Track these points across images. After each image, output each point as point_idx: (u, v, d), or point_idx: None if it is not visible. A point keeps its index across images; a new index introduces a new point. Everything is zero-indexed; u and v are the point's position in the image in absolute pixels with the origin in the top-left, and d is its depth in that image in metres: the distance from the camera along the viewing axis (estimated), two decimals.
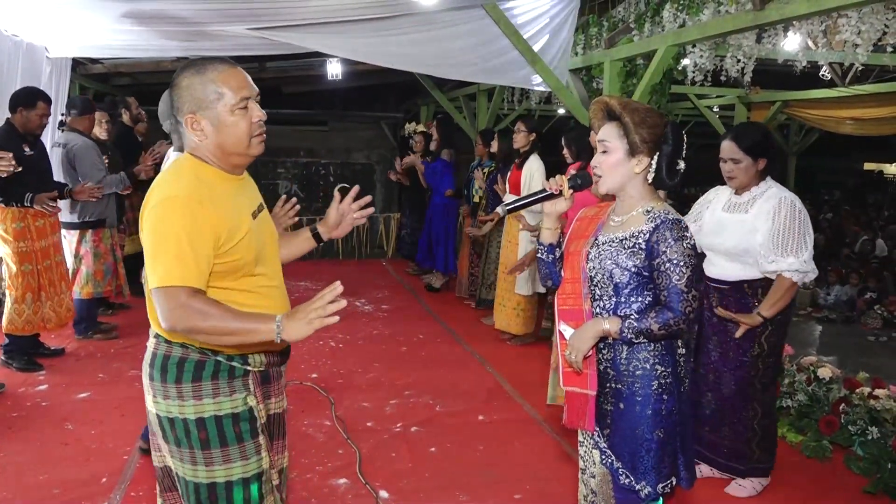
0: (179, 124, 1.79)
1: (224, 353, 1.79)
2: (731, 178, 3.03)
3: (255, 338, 1.64)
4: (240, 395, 1.81)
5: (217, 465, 1.78)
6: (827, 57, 5.48)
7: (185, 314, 1.61)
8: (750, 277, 2.99)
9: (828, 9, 3.43)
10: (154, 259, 1.65)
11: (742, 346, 3.03)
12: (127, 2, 4.57)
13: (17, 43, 5.75)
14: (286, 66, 8.62)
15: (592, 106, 2.11)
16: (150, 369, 1.81)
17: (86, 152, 4.88)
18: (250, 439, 1.82)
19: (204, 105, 1.74)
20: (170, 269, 1.63)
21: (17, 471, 3.23)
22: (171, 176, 1.77)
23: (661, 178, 2.02)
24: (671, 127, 2.01)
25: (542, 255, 2.22)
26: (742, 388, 3.07)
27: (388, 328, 5.99)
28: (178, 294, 1.62)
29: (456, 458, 3.53)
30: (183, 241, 1.63)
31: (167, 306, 1.63)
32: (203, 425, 1.77)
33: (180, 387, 1.77)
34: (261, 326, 1.63)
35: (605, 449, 2.08)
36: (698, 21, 4.32)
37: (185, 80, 1.76)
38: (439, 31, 5.46)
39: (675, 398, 2.02)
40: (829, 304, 8.52)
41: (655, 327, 1.92)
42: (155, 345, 1.83)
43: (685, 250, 1.93)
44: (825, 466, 3.55)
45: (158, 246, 1.65)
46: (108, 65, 7.80)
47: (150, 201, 1.71)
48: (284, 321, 1.61)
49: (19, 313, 4.42)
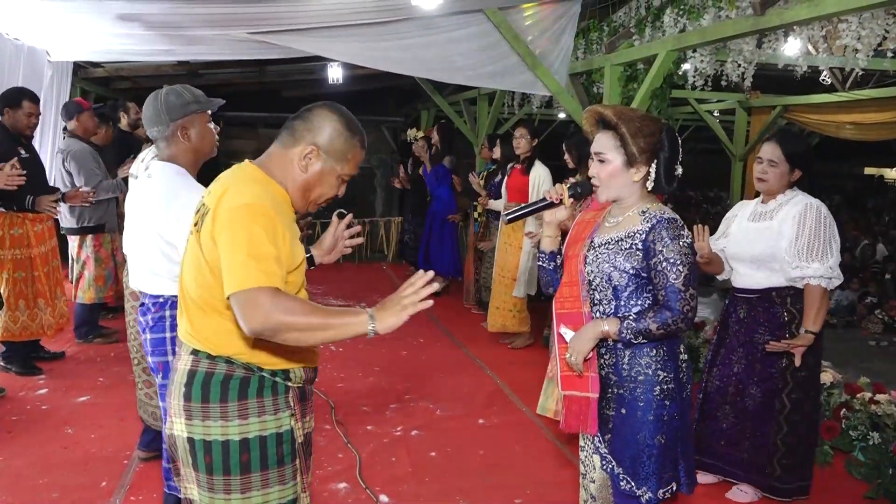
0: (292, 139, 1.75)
1: (268, 369, 1.72)
2: (762, 181, 2.99)
3: (350, 331, 1.57)
4: (284, 414, 1.74)
5: (255, 490, 1.70)
6: (827, 62, 5.50)
7: (277, 307, 1.52)
8: (777, 285, 2.96)
9: (828, 14, 3.43)
10: (232, 263, 1.57)
11: (770, 357, 2.97)
12: (128, 4, 4.57)
13: (19, 47, 5.77)
14: (287, 70, 8.63)
15: (585, 115, 2.10)
16: (187, 389, 1.70)
17: (82, 157, 4.85)
18: (290, 462, 1.75)
19: (333, 153, 1.74)
20: (251, 272, 1.55)
21: (16, 475, 3.22)
22: (245, 184, 1.69)
23: (661, 185, 2.01)
24: (667, 132, 2.00)
25: (543, 263, 2.21)
26: (767, 401, 3.00)
27: (388, 332, 5.97)
28: (262, 293, 1.53)
29: (456, 462, 3.52)
30: (264, 244, 1.58)
31: (252, 305, 1.53)
32: (246, 447, 1.69)
33: (225, 406, 1.68)
34: (354, 319, 1.57)
35: (606, 454, 2.07)
36: (699, 26, 4.33)
37: (336, 122, 1.75)
38: (440, 36, 5.47)
39: (678, 404, 2.01)
40: (829, 308, 8.51)
41: (654, 327, 1.92)
42: (194, 362, 1.72)
43: (682, 249, 1.93)
44: (826, 471, 3.54)
45: (237, 249, 1.58)
46: (109, 68, 7.82)
47: (224, 205, 1.63)
48: (377, 312, 1.57)
49: (14, 320, 4.37)
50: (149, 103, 2.49)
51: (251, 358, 1.71)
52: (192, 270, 1.71)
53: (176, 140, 2.46)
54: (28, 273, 4.41)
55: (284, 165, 1.75)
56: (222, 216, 1.62)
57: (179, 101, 2.45)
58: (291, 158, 1.74)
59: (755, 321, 3.03)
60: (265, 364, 1.73)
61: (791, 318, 2.95)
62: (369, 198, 13.02)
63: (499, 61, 5.69)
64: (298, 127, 1.75)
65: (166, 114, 2.44)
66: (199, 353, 1.72)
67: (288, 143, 1.75)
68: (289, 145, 1.75)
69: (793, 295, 2.95)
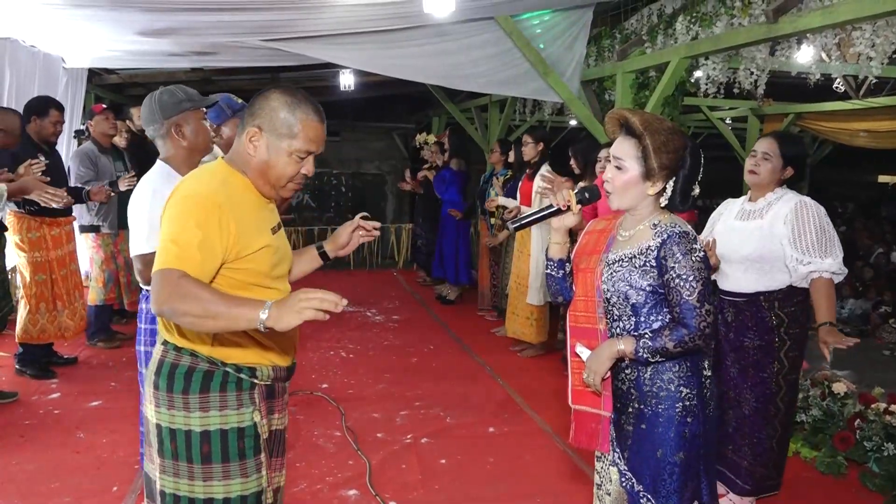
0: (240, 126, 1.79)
1: (233, 364, 1.77)
2: (753, 173, 2.96)
3: (238, 324, 1.56)
4: (247, 410, 1.79)
5: (216, 480, 1.75)
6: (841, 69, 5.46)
7: (174, 292, 1.57)
8: (766, 289, 2.93)
9: (842, 22, 3.42)
10: (161, 247, 1.66)
11: (761, 362, 2.96)
12: (143, 13, 4.62)
13: (35, 53, 5.84)
14: (299, 77, 8.67)
15: (609, 117, 2.01)
16: (156, 377, 1.78)
17: (76, 158, 4.96)
18: (252, 456, 1.79)
19: (275, 131, 1.74)
20: (171, 255, 1.62)
21: (28, 479, 3.24)
22: (200, 175, 1.79)
23: (675, 203, 1.96)
24: (691, 151, 1.93)
25: (551, 271, 2.17)
26: (763, 407, 2.98)
27: (399, 339, 5.99)
28: (171, 275, 1.59)
29: (466, 470, 3.51)
30: (192, 233, 1.63)
31: (158, 286, 1.60)
32: (207, 438, 1.74)
33: (187, 397, 1.74)
34: (245, 311, 1.54)
35: (625, 471, 2.02)
36: (711, 33, 4.32)
37: (275, 101, 1.75)
38: (451, 43, 5.49)
39: (700, 421, 1.95)
40: (843, 317, 8.44)
41: (671, 345, 1.87)
42: (163, 352, 1.80)
43: (694, 264, 1.87)
44: (840, 483, 3.50)
45: (167, 235, 1.66)
46: (123, 75, 7.89)
47: (172, 196, 1.73)
48: (274, 307, 1.53)
49: (34, 323, 4.45)
50: (145, 103, 2.56)
51: (212, 352, 1.76)
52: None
53: (171, 138, 2.52)
54: (48, 276, 4.47)
55: (240, 153, 1.79)
56: (167, 206, 1.73)
57: (172, 100, 2.51)
58: (242, 144, 1.78)
59: (743, 325, 3.00)
60: (228, 359, 1.77)
61: (779, 322, 2.93)
62: (380, 204, 13.06)
63: (510, 68, 5.70)
64: (245, 114, 1.80)
65: (160, 112, 2.49)
66: (167, 344, 1.80)
67: (239, 131, 1.80)
68: (239, 133, 1.80)
69: (780, 299, 2.92)
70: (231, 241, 1.69)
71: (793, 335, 2.93)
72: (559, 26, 5.57)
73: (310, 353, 5.39)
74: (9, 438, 3.65)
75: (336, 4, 4.47)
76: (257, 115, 1.76)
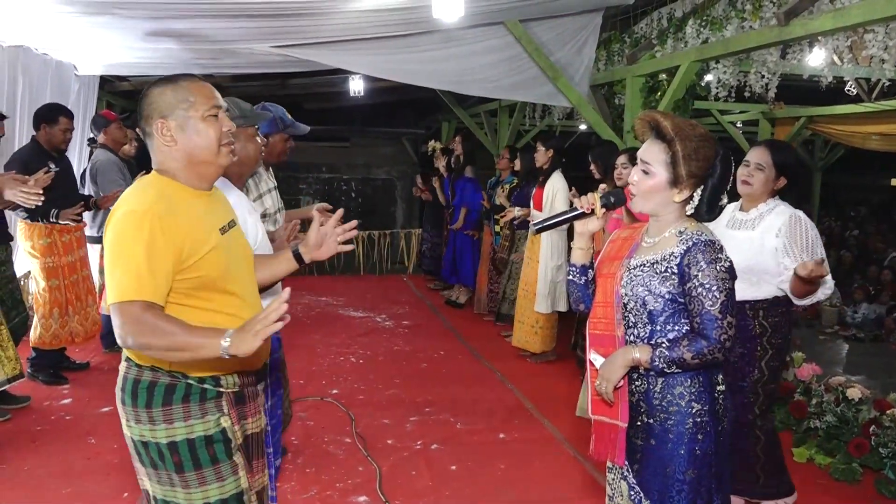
0: (148, 135, 1.80)
1: (195, 376, 1.77)
2: (746, 184, 2.93)
3: (203, 353, 1.60)
4: (212, 417, 1.79)
5: (194, 487, 1.77)
6: (853, 72, 5.43)
7: (138, 329, 1.60)
8: (751, 298, 2.90)
9: (853, 24, 3.40)
10: (111, 275, 1.66)
11: (742, 370, 2.93)
12: (153, 21, 4.64)
13: (47, 61, 5.88)
14: (308, 83, 8.72)
15: (639, 119, 1.96)
16: (122, 394, 1.80)
17: (105, 168, 4.89)
18: (226, 460, 1.80)
19: (174, 110, 1.76)
20: (125, 285, 1.62)
21: (39, 484, 3.25)
22: (133, 191, 1.78)
23: (702, 213, 1.91)
24: (722, 160, 1.87)
25: (573, 277, 2.12)
26: (742, 416, 2.95)
27: (409, 344, 5.98)
28: (132, 309, 1.61)
29: (476, 476, 3.50)
30: (139, 256, 1.63)
31: (121, 321, 1.62)
32: (175, 449, 1.76)
33: (150, 411, 1.75)
34: (207, 342, 1.58)
35: (634, 485, 1.97)
36: (721, 37, 4.30)
37: (156, 90, 1.78)
38: (460, 48, 5.49)
39: (712, 438, 1.88)
40: (856, 322, 8.37)
41: (688, 356, 1.81)
42: (126, 368, 1.81)
43: (719, 274, 1.81)
44: (855, 490, 3.46)
45: (115, 261, 1.66)
46: (134, 82, 7.95)
47: (112, 217, 1.72)
48: (234, 335, 1.56)
49: (46, 328, 4.48)
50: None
51: (173, 366, 1.76)
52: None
53: None
54: (61, 281, 4.50)
55: (160, 156, 1.80)
56: (108, 227, 1.72)
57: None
58: (157, 146, 1.79)
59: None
60: (189, 371, 1.77)
61: (762, 331, 2.90)
62: (390, 209, 13.08)
63: (519, 73, 5.70)
64: (141, 124, 1.81)
65: None
66: (129, 361, 1.81)
67: (150, 141, 1.81)
68: (149, 140, 1.81)
69: (765, 308, 2.90)
70: (178, 250, 1.69)
71: (775, 345, 2.91)
72: (568, 31, 5.56)
73: (320, 359, 5.39)
74: (21, 443, 3.67)
75: (345, 10, 4.48)
76: (152, 112, 1.77)
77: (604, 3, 5.33)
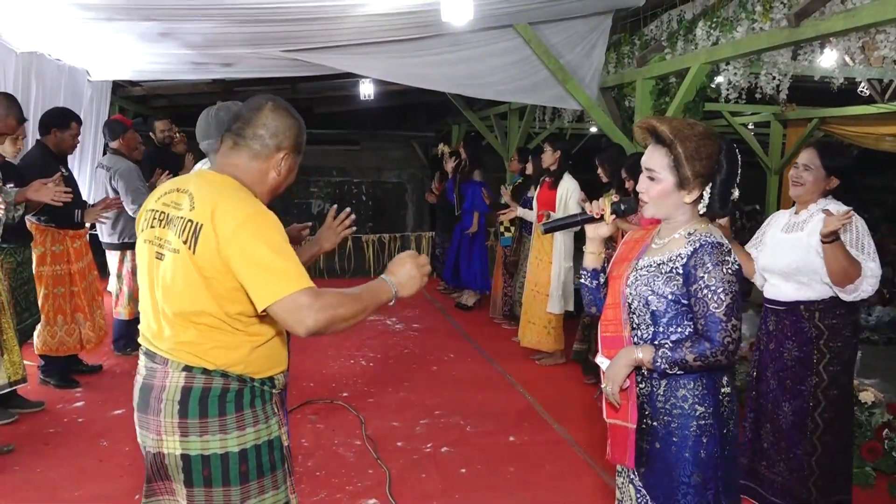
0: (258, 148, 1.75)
1: (259, 378, 1.76)
2: (796, 185, 2.93)
3: (383, 300, 1.75)
4: (273, 420, 1.80)
5: (253, 498, 1.74)
6: (865, 73, 5.38)
7: (324, 309, 1.60)
8: (805, 298, 2.87)
9: (865, 25, 3.37)
10: (262, 274, 1.60)
11: (799, 374, 2.89)
12: (165, 25, 4.68)
13: (61, 67, 5.94)
14: (319, 87, 8.74)
15: (637, 126, 1.97)
16: (182, 406, 1.70)
17: (128, 175, 4.90)
18: (281, 467, 1.80)
19: (296, 150, 1.81)
20: (286, 279, 1.59)
21: (52, 486, 3.28)
22: (241, 197, 1.70)
23: (714, 209, 1.89)
24: (726, 153, 1.86)
25: (584, 281, 2.11)
26: (799, 421, 2.90)
27: (419, 347, 5.98)
28: (303, 296, 1.59)
29: (486, 479, 3.49)
30: (285, 247, 1.64)
31: (299, 309, 1.58)
32: (245, 457, 1.72)
33: (224, 419, 1.70)
34: (381, 294, 1.75)
35: (640, 488, 1.97)
36: (732, 38, 4.28)
37: (292, 121, 1.79)
38: (470, 52, 5.50)
39: (717, 441, 1.87)
40: (870, 325, 8.29)
41: (691, 358, 1.80)
42: (187, 378, 1.71)
43: (725, 276, 1.80)
44: (868, 494, 3.43)
45: (263, 260, 1.60)
46: (146, 87, 8.01)
47: (228, 220, 1.62)
48: (395, 280, 1.78)
49: (52, 335, 4.47)
50: (202, 117, 2.61)
51: (246, 368, 1.74)
52: (182, 287, 1.67)
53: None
54: (67, 288, 4.51)
55: (254, 174, 1.77)
56: (229, 231, 1.61)
57: (228, 117, 2.53)
58: (265, 167, 1.77)
59: (783, 335, 2.95)
60: (257, 373, 1.76)
61: (819, 333, 2.86)
62: (400, 213, 13.10)
63: (529, 76, 5.69)
64: (262, 137, 1.75)
65: (216, 128, 2.53)
66: (192, 370, 1.71)
67: (258, 152, 1.75)
68: (259, 155, 1.75)
69: (822, 310, 2.85)
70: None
71: (834, 349, 2.84)
72: (578, 34, 5.55)
73: (330, 362, 5.40)
74: (34, 446, 3.69)
75: (355, 15, 4.50)
76: (283, 139, 1.76)
77: (614, 6, 5.33)
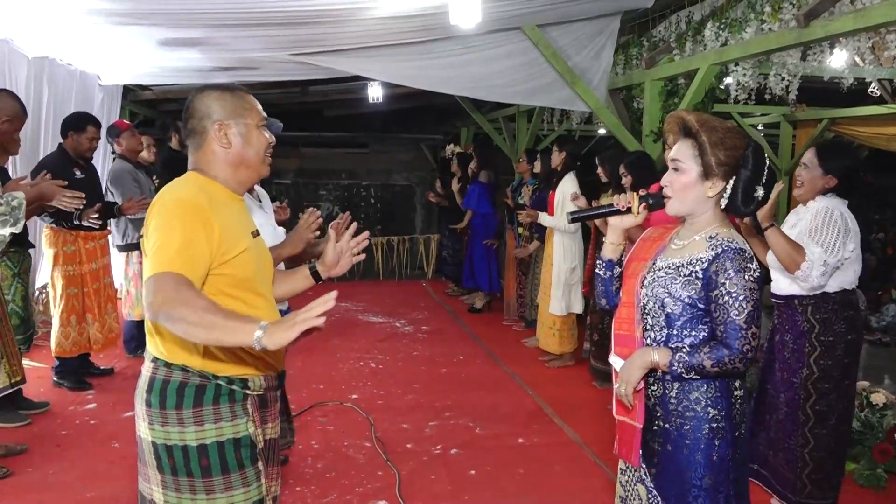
0: (196, 134, 1.83)
1: (224, 377, 1.77)
2: (797, 185, 2.99)
3: (234, 338, 1.49)
4: (241, 420, 1.79)
5: (219, 492, 1.76)
6: (875, 73, 5.36)
7: (172, 298, 1.54)
8: (798, 293, 2.93)
9: (875, 25, 3.36)
10: (152, 256, 1.66)
11: (792, 366, 2.96)
12: (176, 30, 4.71)
13: (72, 71, 5.99)
14: (328, 90, 8.77)
15: (667, 120, 1.97)
16: (148, 395, 1.76)
17: (118, 177, 4.95)
18: (251, 465, 1.80)
19: (235, 115, 1.83)
20: (162, 258, 1.63)
21: (64, 488, 3.30)
22: (177, 184, 1.82)
23: (737, 205, 1.87)
24: (753, 150, 1.85)
25: (599, 271, 2.11)
26: (792, 412, 2.97)
27: (428, 349, 5.99)
28: (166, 278, 1.59)
29: (496, 481, 3.49)
30: (178, 238, 1.65)
31: (154, 289, 1.57)
32: (205, 452, 1.74)
33: (181, 412, 1.73)
34: (241, 326, 1.48)
35: (652, 489, 1.96)
36: (741, 39, 4.27)
37: (214, 94, 1.85)
38: (478, 54, 5.50)
39: (729, 444, 1.86)
40: (881, 326, 8.24)
41: (708, 364, 1.78)
42: (153, 369, 1.78)
43: (747, 283, 1.78)
44: (880, 496, 3.42)
45: (155, 242, 1.67)
46: (157, 91, 8.05)
47: (155, 204, 1.76)
48: (269, 326, 1.46)
49: (66, 336, 4.52)
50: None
51: (204, 366, 1.75)
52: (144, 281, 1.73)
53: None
54: (79, 289, 4.55)
55: (207, 156, 1.84)
56: (152, 213, 1.75)
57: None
58: (207, 146, 1.83)
59: (782, 327, 3.02)
60: (219, 371, 1.77)
61: (811, 327, 2.91)
62: (409, 215, 13.11)
63: (537, 78, 5.69)
64: (194, 124, 1.84)
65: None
66: (157, 361, 1.78)
67: (198, 140, 1.84)
68: (201, 142, 1.84)
69: (813, 304, 2.91)
70: (216, 244, 1.71)
71: (825, 343, 2.89)
72: (586, 35, 5.55)
73: (339, 364, 5.41)
74: (46, 448, 3.72)
75: (364, 18, 4.51)
76: (210, 113, 1.82)
77: (621, 7, 5.32)
